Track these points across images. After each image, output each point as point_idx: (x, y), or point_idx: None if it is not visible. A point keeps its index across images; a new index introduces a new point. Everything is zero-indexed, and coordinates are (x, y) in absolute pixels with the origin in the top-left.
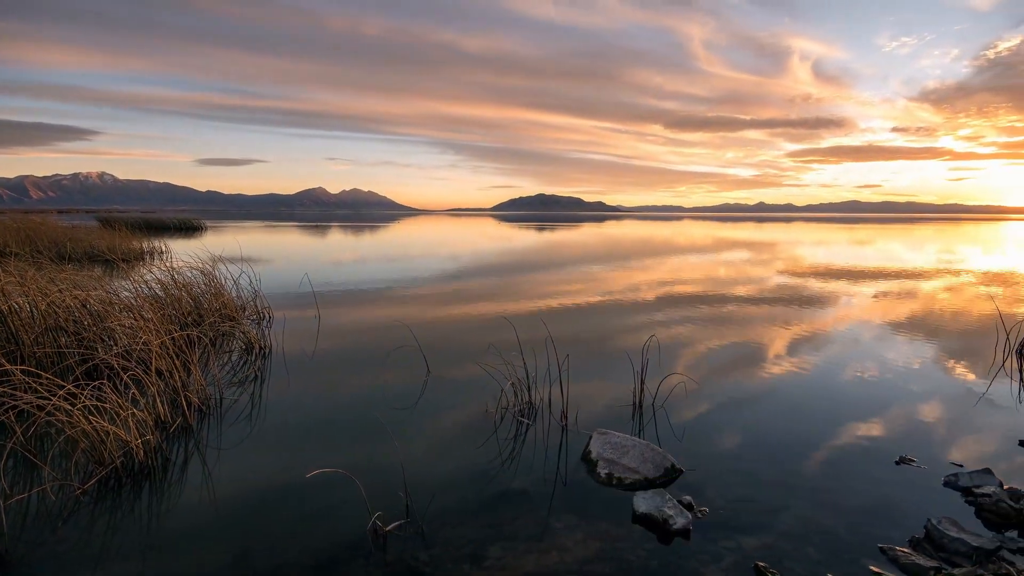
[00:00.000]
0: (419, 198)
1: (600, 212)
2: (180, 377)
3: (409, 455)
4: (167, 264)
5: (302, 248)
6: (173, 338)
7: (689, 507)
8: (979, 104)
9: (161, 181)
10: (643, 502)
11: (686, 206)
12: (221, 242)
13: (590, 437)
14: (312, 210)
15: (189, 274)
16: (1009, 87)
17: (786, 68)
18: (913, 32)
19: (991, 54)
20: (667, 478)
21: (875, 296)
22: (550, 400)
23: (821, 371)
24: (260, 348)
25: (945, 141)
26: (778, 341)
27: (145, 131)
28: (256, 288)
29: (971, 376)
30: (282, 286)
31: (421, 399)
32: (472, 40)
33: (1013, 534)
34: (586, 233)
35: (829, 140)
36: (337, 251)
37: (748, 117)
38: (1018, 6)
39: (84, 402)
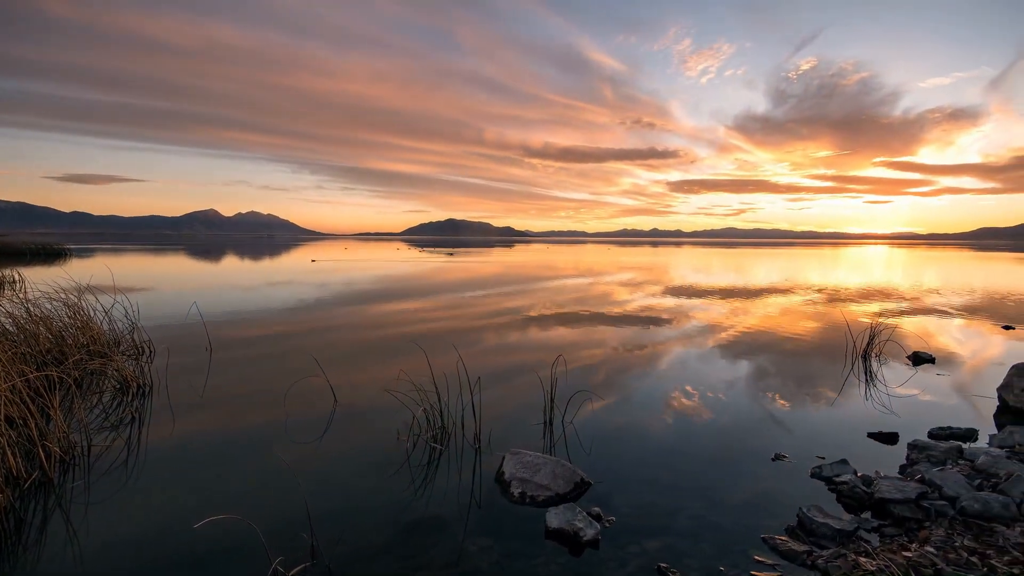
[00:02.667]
0: (325, 222)
1: (509, 237)
2: (37, 425)
3: (314, 492)
4: (21, 295)
5: (190, 275)
6: (27, 380)
7: (598, 518)
8: (792, 138)
9: (13, 200)
10: (555, 517)
11: (589, 231)
12: (90, 269)
13: (503, 458)
14: (203, 233)
15: (49, 306)
16: (810, 119)
17: (600, 92)
18: (710, 58)
19: (792, 79)
20: (577, 492)
21: (750, 312)
22: (463, 424)
23: (707, 380)
24: (138, 387)
25: (777, 173)
26: (670, 354)
27: None
28: (133, 320)
29: (828, 378)
30: (166, 317)
31: (328, 432)
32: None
33: (868, 515)
34: (494, 257)
35: (684, 172)
36: (231, 277)
37: (603, 147)
38: (797, 28)
39: None
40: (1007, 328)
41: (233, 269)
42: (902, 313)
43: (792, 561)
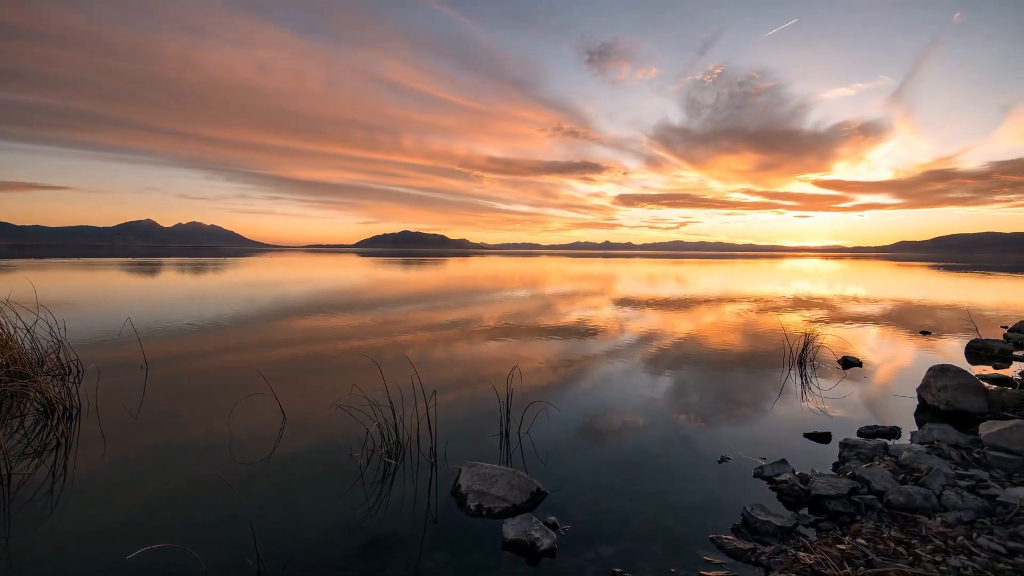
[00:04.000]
0: (274, 233)
1: (465, 249)
2: None
3: (261, 515)
4: None
5: (124, 288)
6: None
7: (554, 526)
8: (715, 151)
9: None
10: (512, 528)
11: (543, 244)
12: (9, 283)
13: (460, 471)
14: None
15: None
16: (728, 131)
17: (509, 95)
18: (618, 59)
19: (704, 83)
20: (534, 502)
21: (696, 322)
22: (418, 438)
23: (657, 387)
24: (64, 409)
25: (708, 189)
26: (622, 363)
27: None
28: (59, 338)
29: (768, 383)
30: (97, 334)
31: (276, 451)
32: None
33: (805, 511)
34: (449, 269)
35: (619, 185)
36: (170, 291)
37: (535, 158)
38: (699, 29)
39: None
40: (924, 333)
41: (171, 283)
42: (833, 321)
43: (738, 559)
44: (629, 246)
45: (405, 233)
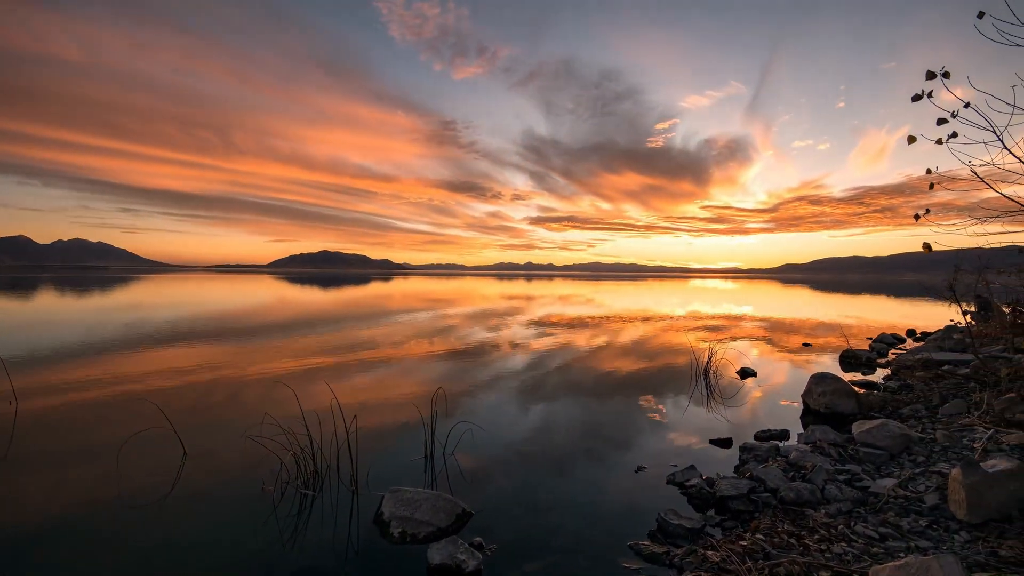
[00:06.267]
0: (176, 252)
1: (387, 270)
2: None
3: (153, 564)
4: None
5: None
6: None
7: (480, 547)
8: (598, 168)
9: None
10: (436, 553)
11: (467, 264)
12: None
13: (383, 497)
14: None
15: None
16: (599, 146)
17: (365, 94)
18: (462, 52)
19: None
20: (459, 524)
21: (612, 338)
22: (338, 466)
23: (577, 402)
24: None
25: (603, 211)
26: (542, 381)
27: None
28: None
29: (678, 395)
30: None
31: (175, 490)
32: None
33: (712, 512)
34: (369, 290)
35: (520, 206)
36: (43, 315)
37: (431, 176)
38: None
39: None
40: (806, 346)
41: (43, 307)
42: (733, 336)
43: (654, 563)
44: (551, 267)
45: (324, 253)
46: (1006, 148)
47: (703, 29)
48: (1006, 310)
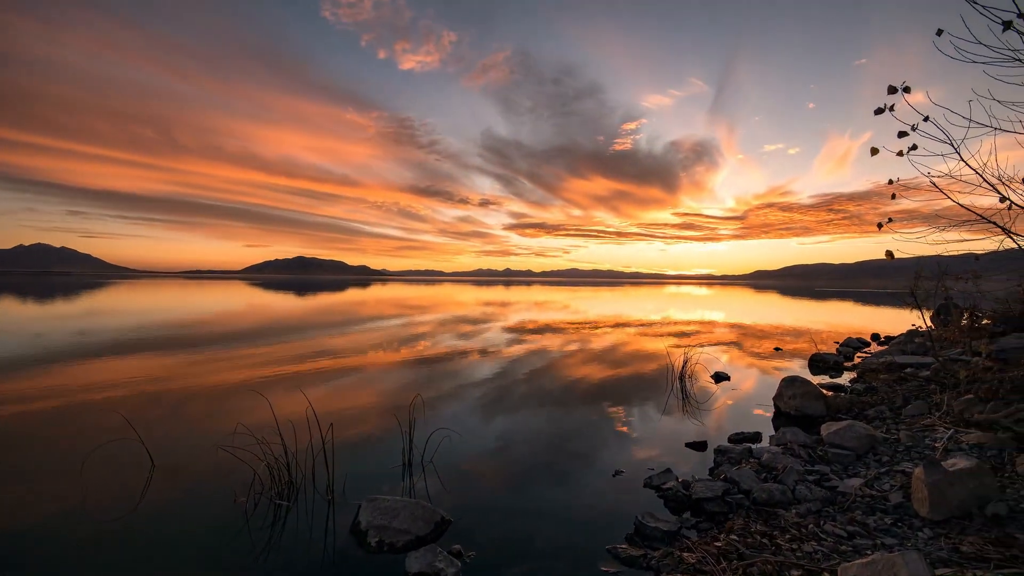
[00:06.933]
0: (143, 257)
1: (365, 276)
2: None
3: None
4: None
5: None
6: None
7: (458, 555)
8: (565, 172)
9: None
10: (415, 561)
11: (446, 271)
12: None
13: (359, 506)
14: None
15: None
16: (564, 149)
17: (315, 90)
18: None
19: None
20: (438, 532)
21: (591, 344)
22: (314, 475)
23: (556, 408)
24: None
25: (574, 217)
26: (521, 387)
27: None
28: None
29: (654, 399)
30: None
31: (142, 504)
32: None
33: (688, 514)
34: (347, 296)
35: (490, 210)
36: (4, 322)
37: (395, 180)
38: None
39: None
40: (777, 350)
41: (9, 312)
42: (707, 341)
43: (632, 566)
44: (530, 273)
45: (299, 259)
46: (963, 160)
47: (661, 20)
48: (964, 315)
